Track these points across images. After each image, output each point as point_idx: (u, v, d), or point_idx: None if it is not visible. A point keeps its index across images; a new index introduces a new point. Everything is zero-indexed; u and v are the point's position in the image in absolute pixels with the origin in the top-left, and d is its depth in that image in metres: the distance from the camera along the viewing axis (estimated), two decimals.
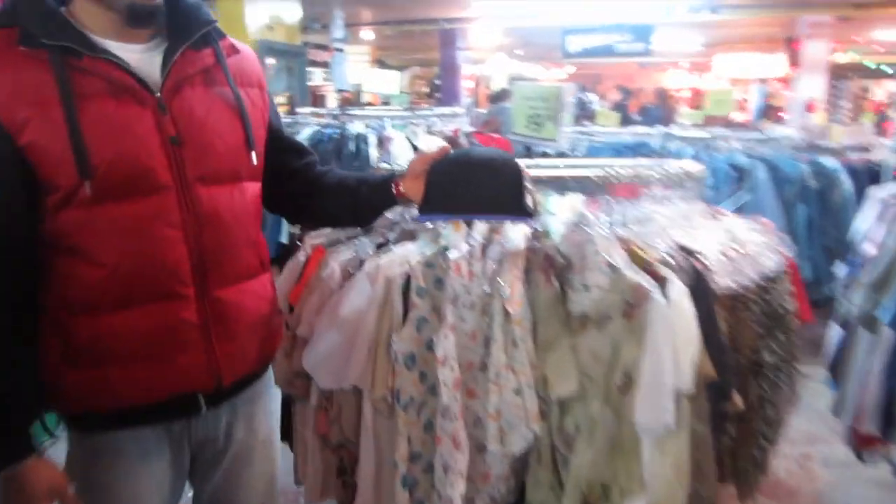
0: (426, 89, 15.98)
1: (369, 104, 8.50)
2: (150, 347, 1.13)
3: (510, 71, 14.47)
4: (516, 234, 1.44)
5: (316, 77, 12.08)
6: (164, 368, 1.15)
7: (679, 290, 1.33)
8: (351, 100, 10.30)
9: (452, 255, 1.38)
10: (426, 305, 1.41)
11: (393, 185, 1.38)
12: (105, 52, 1.08)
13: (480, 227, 1.45)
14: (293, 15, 6.92)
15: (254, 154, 1.23)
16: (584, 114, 8.50)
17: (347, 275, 1.49)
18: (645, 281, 1.34)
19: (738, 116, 10.14)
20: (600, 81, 15.30)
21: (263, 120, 1.30)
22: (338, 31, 7.73)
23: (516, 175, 1.31)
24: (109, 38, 1.11)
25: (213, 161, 1.17)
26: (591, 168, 1.58)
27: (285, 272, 1.63)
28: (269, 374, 1.41)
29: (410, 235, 1.54)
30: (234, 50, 1.27)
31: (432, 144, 1.48)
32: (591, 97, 12.16)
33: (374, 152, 3.69)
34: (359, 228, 1.63)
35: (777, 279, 1.66)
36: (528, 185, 1.35)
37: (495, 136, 5.07)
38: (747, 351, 1.64)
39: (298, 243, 1.70)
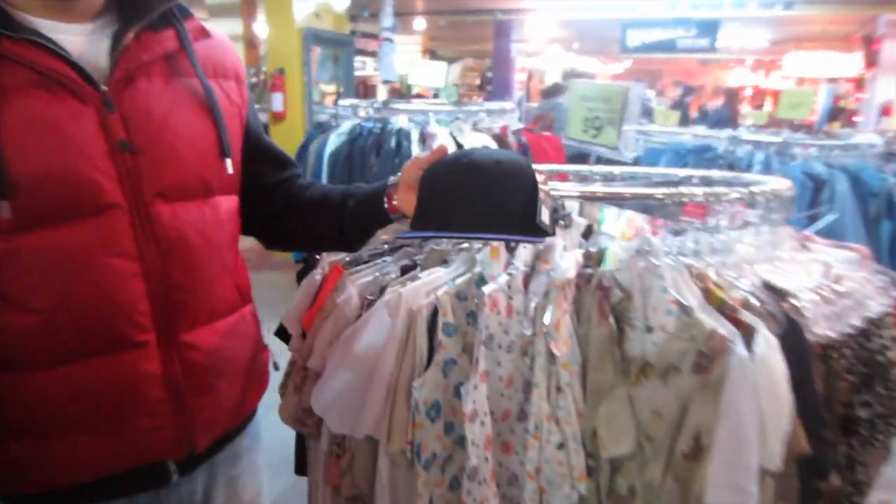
0: (478, 81, 15.75)
1: (419, 96, 8.32)
2: (103, 410, 0.92)
3: (565, 65, 14.11)
4: (567, 261, 1.21)
5: (368, 67, 11.95)
6: (121, 436, 0.94)
7: (767, 342, 1.09)
8: (401, 91, 10.14)
9: (488, 288, 1.15)
10: (455, 345, 1.18)
11: (385, 198, 1.13)
12: (33, 32, 0.86)
13: (523, 252, 1.23)
14: (341, 3, 6.76)
15: (229, 161, 1.01)
16: (642, 111, 8.17)
17: (366, 302, 1.28)
18: (724, 328, 1.10)
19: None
20: (659, 77, 14.81)
21: (241, 120, 1.08)
22: (387, 20, 7.53)
23: (529, 183, 1.03)
24: (42, 16, 0.88)
25: (178, 171, 0.95)
26: (659, 184, 1.33)
27: (300, 292, 1.43)
28: (256, 423, 1.20)
29: (441, 258, 1.32)
30: (203, 33, 1.04)
31: (479, 142, 1.19)
32: (649, 93, 11.74)
33: (416, 149, 3.49)
34: (385, 245, 1.42)
35: (879, 322, 1.39)
36: (544, 194, 1.06)
37: (546, 133, 4.84)
38: (838, 406, 1.39)
39: (317, 257, 1.50)
